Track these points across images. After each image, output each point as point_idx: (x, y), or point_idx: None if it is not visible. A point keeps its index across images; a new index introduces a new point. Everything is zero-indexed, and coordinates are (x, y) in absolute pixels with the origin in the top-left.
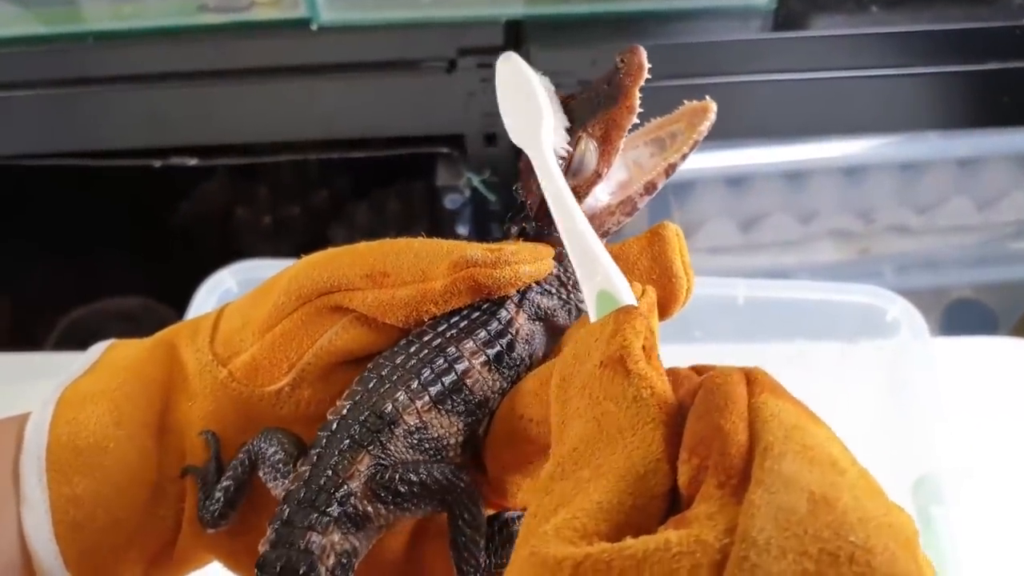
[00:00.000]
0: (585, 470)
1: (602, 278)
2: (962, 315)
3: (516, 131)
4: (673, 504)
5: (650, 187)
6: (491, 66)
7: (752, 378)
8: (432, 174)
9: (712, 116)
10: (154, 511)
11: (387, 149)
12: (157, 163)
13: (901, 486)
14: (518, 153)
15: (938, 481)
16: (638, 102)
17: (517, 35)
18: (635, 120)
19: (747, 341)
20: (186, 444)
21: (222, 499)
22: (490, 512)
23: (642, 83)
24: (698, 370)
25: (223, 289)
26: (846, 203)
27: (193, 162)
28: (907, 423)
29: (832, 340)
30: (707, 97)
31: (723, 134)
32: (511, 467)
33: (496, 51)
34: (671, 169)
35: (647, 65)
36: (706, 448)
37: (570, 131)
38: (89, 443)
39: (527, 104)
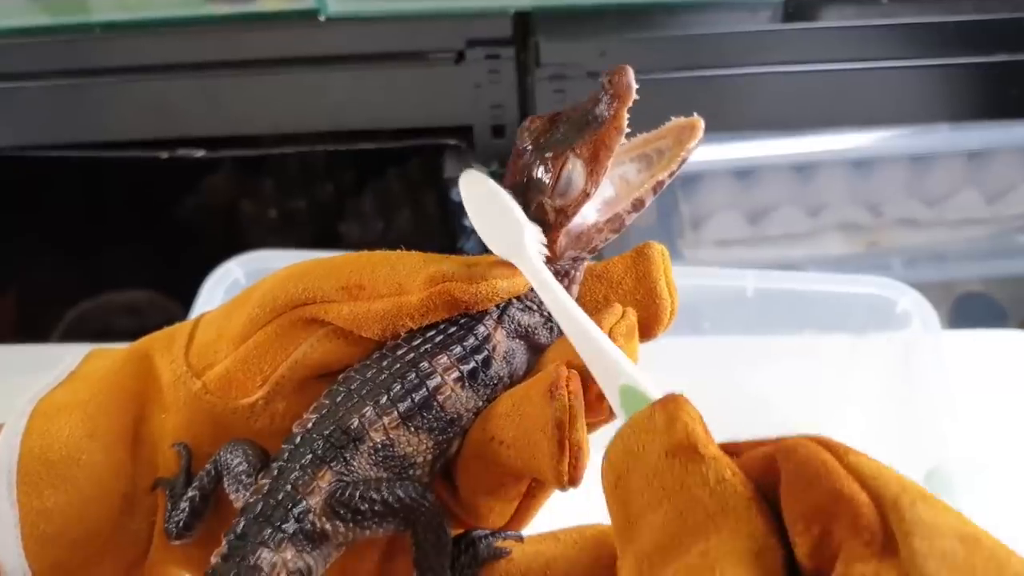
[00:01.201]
0: (687, 558)
1: (621, 374)
2: (971, 308)
3: (497, 244)
4: None
5: (638, 204)
6: (499, 57)
7: (822, 441)
8: (440, 166)
9: (700, 133)
10: (126, 524)
11: (394, 141)
12: (164, 154)
13: (911, 478)
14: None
15: (948, 473)
16: (626, 123)
17: (525, 26)
18: (623, 141)
19: (756, 333)
20: (159, 456)
21: (187, 510)
22: (458, 531)
23: (630, 104)
24: (729, 448)
25: (231, 280)
26: (855, 196)
27: (200, 154)
28: (917, 415)
29: (842, 332)
30: (695, 114)
31: (731, 126)
32: (482, 489)
33: (504, 43)
34: (659, 187)
35: (635, 86)
36: (828, 514)
37: (557, 150)
38: (61, 455)
39: (503, 218)
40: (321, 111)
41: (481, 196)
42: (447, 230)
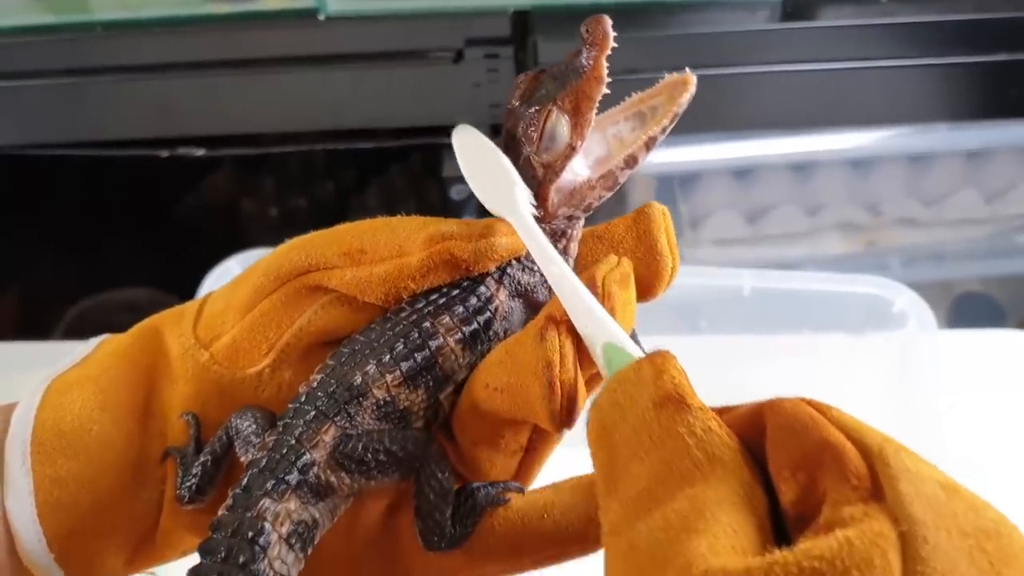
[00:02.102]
0: (675, 504)
1: (605, 331)
2: (969, 308)
3: (489, 199)
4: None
5: (631, 161)
6: (498, 56)
7: (805, 399)
8: (439, 164)
9: (692, 88)
10: (138, 494)
11: (393, 140)
12: (164, 153)
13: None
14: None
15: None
16: (606, 72)
17: (524, 25)
18: (605, 90)
19: (754, 332)
20: (169, 428)
21: (199, 473)
22: (456, 486)
23: (608, 52)
24: (714, 409)
25: (229, 278)
26: (853, 195)
27: (200, 152)
28: (914, 415)
29: (839, 331)
30: (687, 69)
31: (730, 125)
32: (480, 440)
33: (503, 42)
34: (651, 142)
35: (612, 34)
36: (814, 463)
37: (541, 104)
38: (73, 426)
39: (495, 174)
40: (320, 110)
41: (474, 151)
42: None
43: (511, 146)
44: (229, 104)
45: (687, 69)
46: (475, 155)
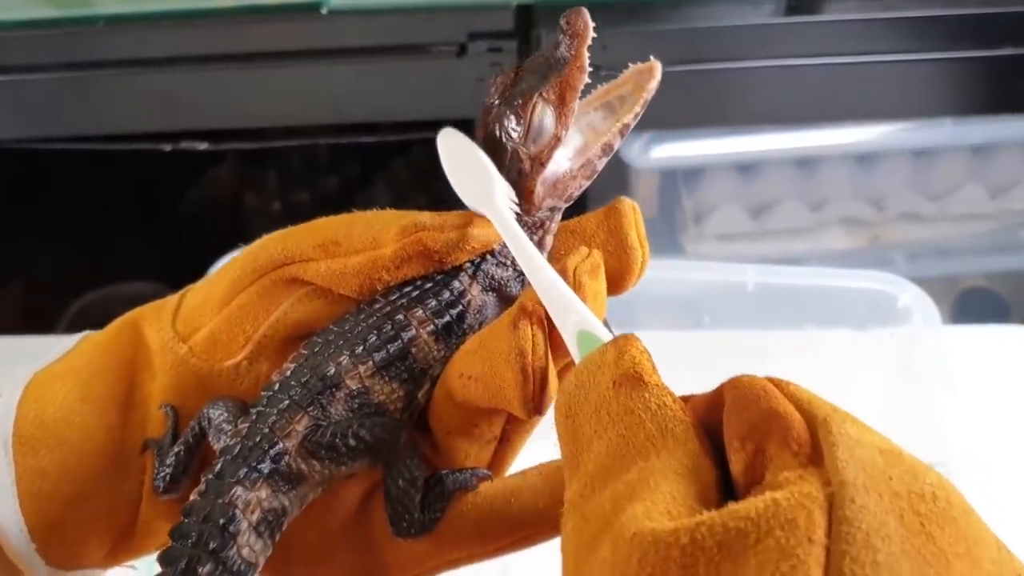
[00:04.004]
0: (626, 476)
1: (579, 319)
2: (974, 303)
3: (469, 196)
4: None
5: (607, 148)
6: (501, 50)
7: (768, 377)
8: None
9: (657, 75)
10: (119, 485)
11: (396, 134)
12: (167, 147)
13: None
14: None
15: (948, 469)
16: (587, 61)
17: (527, 19)
18: (587, 80)
19: (757, 327)
20: (149, 419)
21: (172, 463)
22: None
23: (589, 42)
24: (682, 397)
25: None
26: (857, 190)
27: (203, 146)
28: (917, 411)
29: (843, 327)
30: (651, 57)
31: (734, 120)
32: (455, 429)
33: (506, 36)
34: (625, 129)
35: (591, 24)
36: (761, 432)
37: (525, 97)
38: (55, 417)
39: (475, 171)
40: (323, 104)
41: (454, 149)
42: None
43: (492, 145)
44: (232, 98)
45: (651, 58)
46: (456, 154)
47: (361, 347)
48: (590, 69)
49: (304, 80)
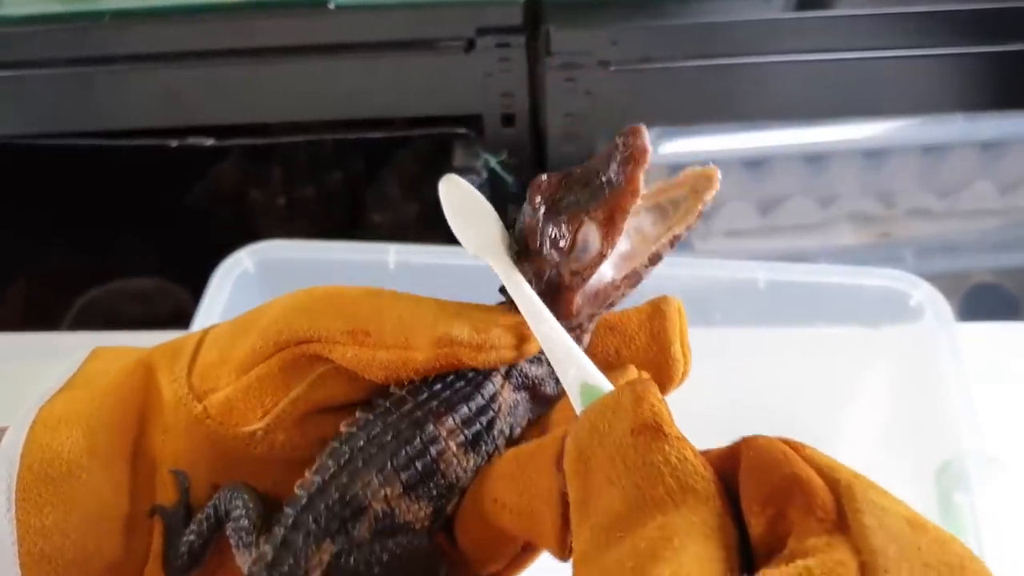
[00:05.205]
0: (645, 531)
1: (581, 371)
2: (983, 299)
3: (471, 243)
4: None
5: (655, 258)
6: (509, 45)
7: (782, 438)
8: (449, 155)
9: (716, 184)
10: (124, 545)
11: (403, 130)
12: (173, 143)
13: (924, 472)
14: (537, 137)
15: (962, 467)
16: (642, 186)
17: (535, 14)
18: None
19: (768, 325)
20: (158, 478)
21: (186, 554)
22: None
23: (646, 167)
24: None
25: (240, 270)
26: (866, 186)
27: (210, 142)
28: (930, 409)
29: (854, 325)
30: (711, 163)
31: (742, 116)
32: (482, 544)
33: (515, 31)
34: (675, 240)
35: (650, 148)
36: (784, 497)
37: (571, 214)
38: (62, 472)
39: (477, 216)
40: (330, 99)
41: (458, 196)
42: None
43: (530, 250)
44: (238, 93)
45: (711, 163)
46: (459, 201)
47: (389, 465)
48: (653, 160)
49: (311, 76)
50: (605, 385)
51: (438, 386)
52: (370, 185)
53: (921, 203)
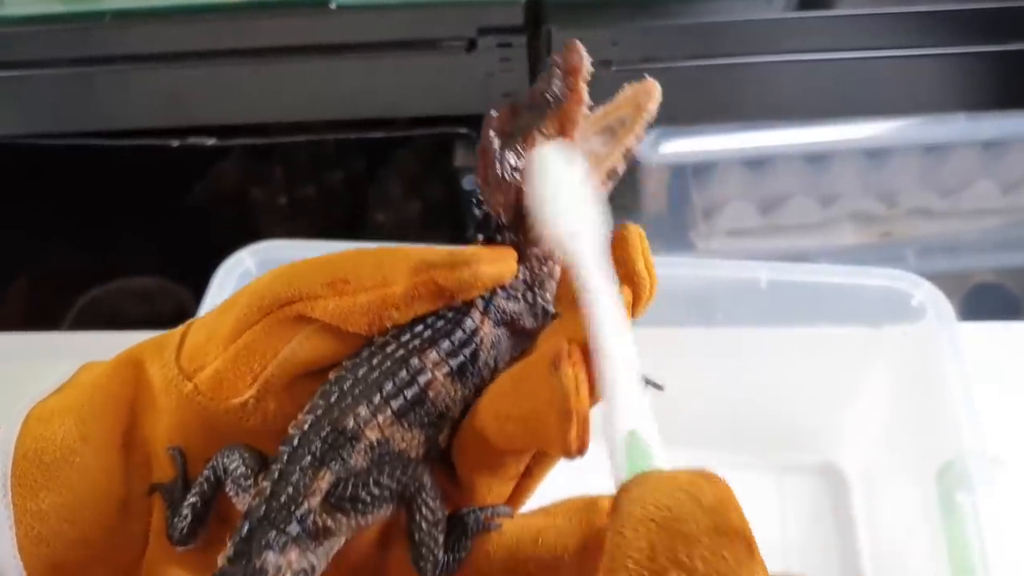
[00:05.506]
0: None
1: (636, 416)
2: (984, 298)
3: (565, 234)
4: None
5: (612, 173)
6: (511, 45)
7: None
8: (450, 155)
9: (657, 96)
10: (122, 527)
11: (404, 129)
12: (175, 143)
13: (925, 473)
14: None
15: (963, 468)
16: (585, 93)
17: (537, 14)
18: (586, 112)
19: (770, 325)
20: (153, 460)
21: (189, 516)
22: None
23: (585, 75)
24: None
25: (242, 270)
26: (868, 186)
27: (211, 142)
28: (932, 409)
29: (856, 325)
30: (646, 76)
31: (744, 115)
32: (481, 466)
33: (516, 31)
34: (628, 153)
35: (586, 57)
36: None
37: (525, 135)
38: (55, 457)
39: (581, 204)
40: (331, 99)
41: (563, 173)
42: (459, 219)
43: (493, 183)
44: (240, 93)
45: (646, 76)
46: (563, 180)
47: (378, 396)
48: (591, 70)
49: (312, 75)
50: (657, 450)
51: (419, 327)
52: (372, 185)
53: (923, 203)
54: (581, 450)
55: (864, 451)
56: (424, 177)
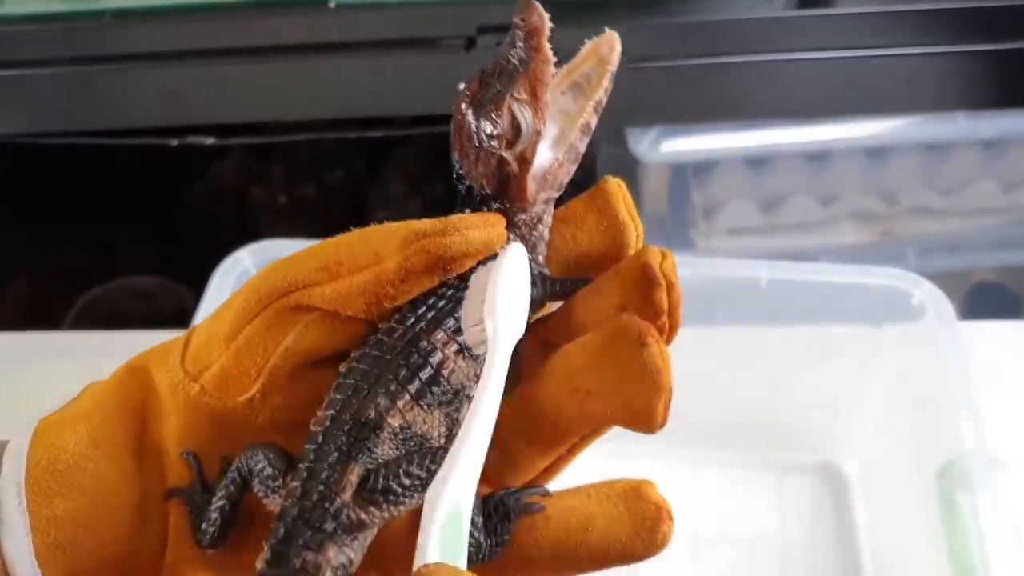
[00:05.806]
0: None
1: (464, 490)
2: (984, 297)
3: (492, 325)
4: None
5: (585, 128)
6: None
7: None
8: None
9: (618, 46)
10: (139, 531)
11: (404, 128)
12: (174, 142)
13: (926, 472)
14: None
15: (964, 467)
16: (551, 52)
17: None
18: (554, 70)
19: (770, 324)
20: (166, 464)
21: (218, 519)
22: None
23: (548, 33)
24: None
25: (240, 270)
26: (869, 184)
27: (210, 141)
28: (932, 408)
29: (857, 324)
30: (606, 29)
31: (744, 114)
32: (537, 442)
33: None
34: (598, 106)
35: (546, 15)
36: None
37: (497, 102)
38: (68, 465)
39: (520, 305)
40: (331, 98)
41: (516, 274)
42: None
43: (474, 156)
44: (239, 92)
45: (606, 29)
46: (515, 281)
47: (394, 382)
48: (552, 26)
49: (312, 74)
50: (465, 539)
51: (422, 308)
52: (372, 184)
53: (923, 201)
54: (664, 423)
55: (864, 451)
56: (425, 176)
